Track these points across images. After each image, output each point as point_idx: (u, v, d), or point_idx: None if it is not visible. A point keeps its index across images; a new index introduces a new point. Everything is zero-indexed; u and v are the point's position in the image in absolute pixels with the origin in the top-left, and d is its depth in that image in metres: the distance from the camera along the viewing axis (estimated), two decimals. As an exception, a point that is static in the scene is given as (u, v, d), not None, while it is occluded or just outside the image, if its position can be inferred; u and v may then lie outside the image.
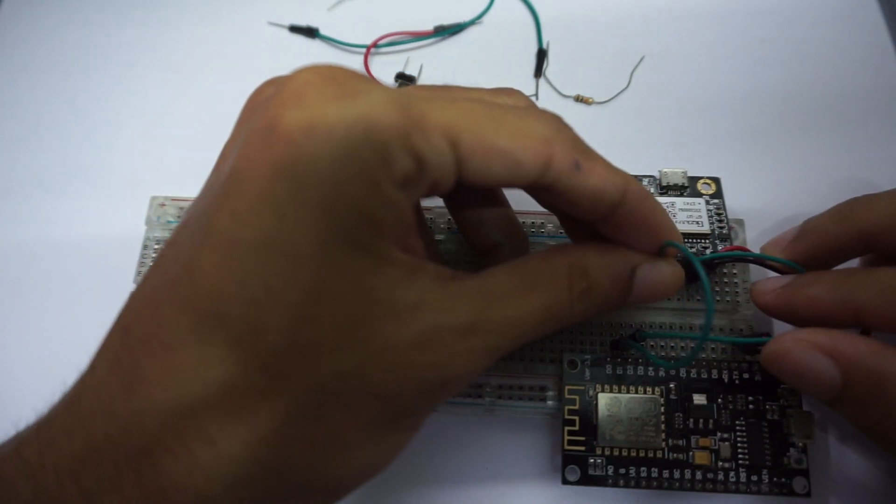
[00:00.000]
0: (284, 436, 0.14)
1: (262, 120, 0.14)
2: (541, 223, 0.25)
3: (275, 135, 0.14)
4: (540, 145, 0.15)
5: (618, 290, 0.18)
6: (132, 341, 0.14)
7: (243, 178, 0.14)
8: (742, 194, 0.27)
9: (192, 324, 0.14)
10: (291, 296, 0.14)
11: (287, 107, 0.14)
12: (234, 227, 0.14)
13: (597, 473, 0.21)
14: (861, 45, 0.33)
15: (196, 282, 0.14)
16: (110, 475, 0.13)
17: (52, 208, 0.30)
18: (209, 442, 0.13)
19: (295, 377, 0.14)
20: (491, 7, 0.35)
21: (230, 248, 0.14)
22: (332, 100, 0.14)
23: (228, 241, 0.14)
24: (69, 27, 0.36)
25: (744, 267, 0.24)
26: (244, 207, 0.14)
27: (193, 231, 0.15)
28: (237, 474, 0.14)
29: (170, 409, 0.13)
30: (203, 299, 0.14)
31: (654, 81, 0.32)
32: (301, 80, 0.14)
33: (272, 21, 0.36)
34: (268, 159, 0.13)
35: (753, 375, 0.22)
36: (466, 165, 0.15)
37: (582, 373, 0.22)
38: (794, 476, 0.20)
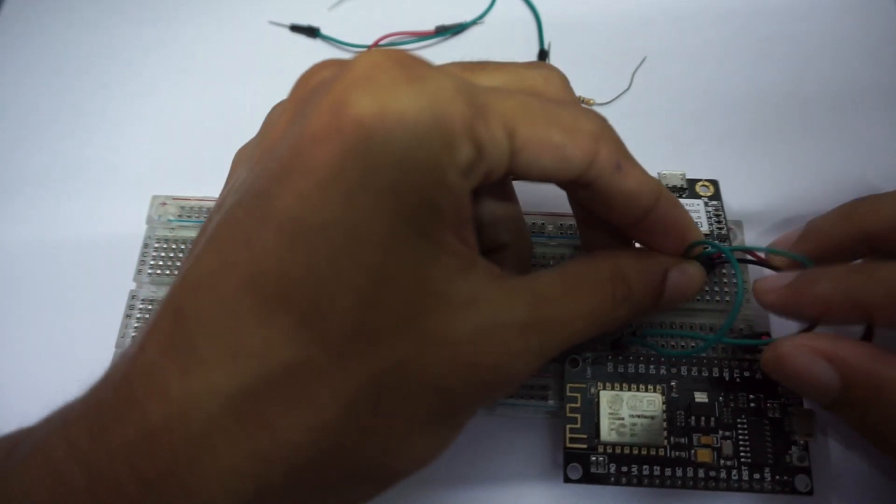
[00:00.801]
0: (344, 423, 0.14)
1: (328, 101, 0.14)
2: (541, 224, 0.25)
3: (344, 117, 0.13)
4: (588, 142, 0.16)
5: (653, 294, 0.19)
6: (187, 322, 0.14)
7: (309, 159, 0.14)
8: (741, 196, 0.27)
9: (254, 304, 0.13)
10: (357, 279, 0.13)
11: (356, 89, 0.14)
12: (300, 208, 0.13)
13: (599, 471, 0.21)
14: (861, 45, 0.33)
15: (259, 261, 0.14)
16: (167, 461, 0.13)
17: (53, 208, 0.30)
18: (270, 427, 0.13)
19: (357, 362, 0.14)
20: (492, 7, 0.35)
21: (296, 228, 0.13)
22: (401, 84, 0.14)
23: (294, 221, 0.13)
24: (70, 27, 0.36)
25: (743, 266, 0.24)
26: (311, 188, 0.13)
27: (251, 209, 0.14)
28: (296, 461, 0.13)
29: (230, 391, 0.13)
30: (266, 279, 0.13)
31: (656, 82, 0.32)
32: (369, 63, 0.14)
33: (273, 20, 0.36)
34: (337, 141, 0.13)
35: (755, 373, 0.22)
36: (519, 156, 0.15)
37: (583, 371, 0.22)
38: (797, 474, 0.20)
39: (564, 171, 0.16)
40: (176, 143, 0.32)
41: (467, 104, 0.14)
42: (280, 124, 0.17)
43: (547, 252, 0.25)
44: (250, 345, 0.13)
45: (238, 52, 0.35)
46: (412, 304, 0.14)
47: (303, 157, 0.14)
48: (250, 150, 0.18)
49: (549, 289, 0.16)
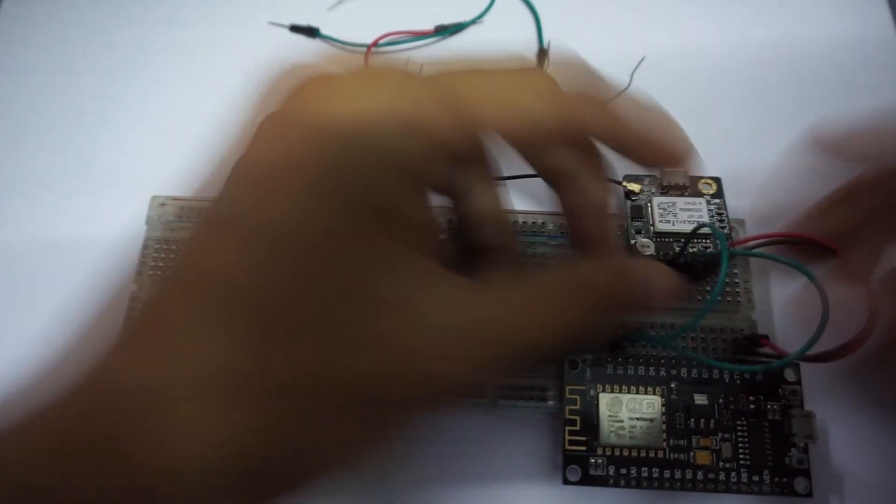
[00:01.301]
0: (269, 425, 0.13)
1: (283, 108, 0.14)
2: (542, 223, 0.25)
3: (296, 124, 0.14)
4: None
5: (629, 298, 0.18)
6: (131, 321, 0.14)
7: (260, 165, 0.14)
8: (743, 194, 0.27)
9: (190, 302, 0.13)
10: (293, 284, 0.13)
11: (309, 96, 0.14)
12: (246, 212, 0.14)
13: (598, 473, 0.21)
14: (864, 44, 0.33)
15: (200, 262, 0.14)
16: (85, 457, 0.13)
17: (53, 208, 0.30)
18: (193, 427, 0.13)
19: (287, 367, 0.13)
20: (492, 7, 0.35)
21: (238, 231, 0.14)
22: (354, 90, 0.14)
23: (238, 225, 0.14)
24: (69, 27, 0.36)
25: (744, 266, 0.24)
26: (259, 193, 0.13)
27: (207, 215, 0.15)
28: (218, 461, 0.13)
29: (154, 389, 0.13)
30: (204, 279, 0.13)
31: (655, 82, 0.32)
32: (324, 70, 0.14)
33: (272, 21, 0.36)
34: (288, 148, 0.13)
35: (754, 375, 0.22)
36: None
37: (583, 373, 0.22)
38: (796, 476, 0.20)
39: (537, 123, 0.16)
40: (175, 143, 0.32)
41: (431, 108, 0.14)
42: (246, 131, 0.17)
43: (547, 252, 0.25)
44: (179, 344, 0.13)
45: (238, 52, 0.35)
46: (354, 312, 0.14)
47: (255, 164, 0.14)
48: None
49: (508, 296, 0.16)
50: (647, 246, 0.24)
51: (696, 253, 0.23)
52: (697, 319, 0.19)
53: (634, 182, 0.26)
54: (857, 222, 0.20)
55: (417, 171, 0.14)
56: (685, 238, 0.23)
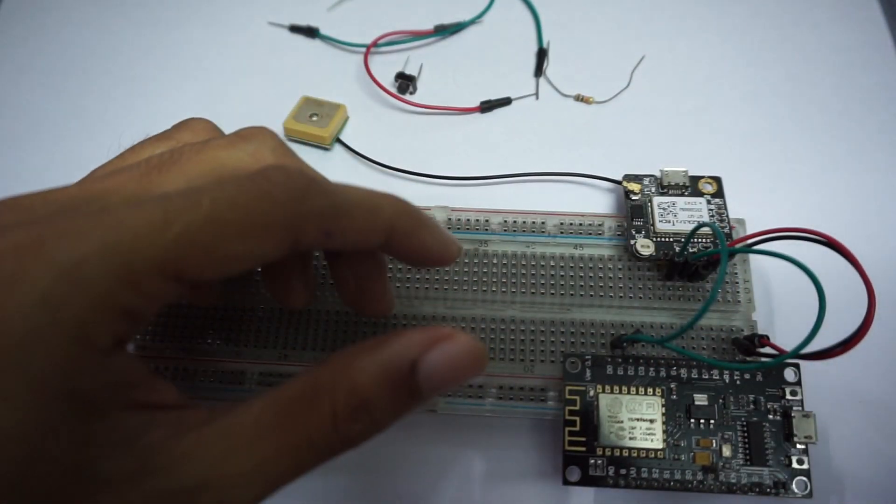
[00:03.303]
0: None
1: None
2: (542, 222, 0.25)
3: None
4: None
5: (398, 396, 0.15)
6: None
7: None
8: (743, 194, 0.27)
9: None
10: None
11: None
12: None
13: (597, 474, 0.21)
14: (861, 45, 0.33)
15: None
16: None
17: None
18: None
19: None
20: (491, 6, 0.35)
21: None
22: (32, 247, 0.12)
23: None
24: (69, 27, 0.36)
25: (744, 266, 0.24)
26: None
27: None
28: None
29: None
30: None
31: (655, 81, 0.32)
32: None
33: (272, 21, 0.36)
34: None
35: (755, 375, 0.22)
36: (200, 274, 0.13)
37: (582, 373, 0.22)
38: (796, 477, 0.20)
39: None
40: (175, 143, 0.32)
41: (108, 270, 0.12)
42: None
43: (547, 252, 0.25)
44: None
45: (238, 52, 0.35)
46: (62, 491, 0.12)
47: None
48: None
49: (249, 427, 0.14)
50: (646, 246, 0.24)
51: (696, 252, 0.23)
52: (697, 319, 0.18)
53: (634, 182, 0.26)
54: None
55: (104, 334, 0.13)
56: (685, 238, 0.23)
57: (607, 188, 0.29)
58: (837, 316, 0.18)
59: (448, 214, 0.26)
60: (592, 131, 0.31)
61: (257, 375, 0.23)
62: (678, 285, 0.24)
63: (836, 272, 0.19)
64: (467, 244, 0.25)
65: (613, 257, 0.25)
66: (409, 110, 0.32)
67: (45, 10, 0.37)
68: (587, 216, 0.26)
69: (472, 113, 0.32)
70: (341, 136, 0.31)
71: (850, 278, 0.18)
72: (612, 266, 0.24)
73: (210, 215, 0.13)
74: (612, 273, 0.24)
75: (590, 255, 0.25)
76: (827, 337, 0.18)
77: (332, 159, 0.31)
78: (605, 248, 0.25)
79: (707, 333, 0.23)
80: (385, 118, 0.32)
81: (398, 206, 0.17)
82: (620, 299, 0.24)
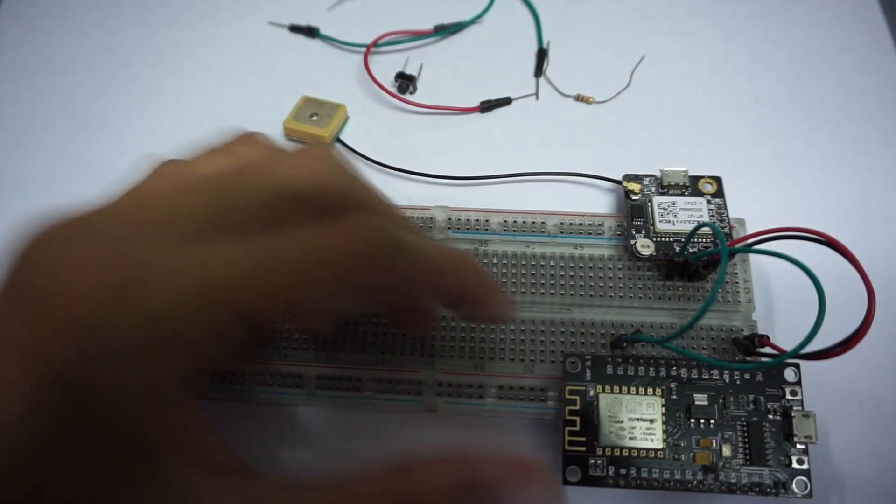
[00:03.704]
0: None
1: (27, 300, 0.12)
2: (542, 222, 0.25)
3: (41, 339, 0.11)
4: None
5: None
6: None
7: (8, 390, 0.11)
8: (743, 193, 0.27)
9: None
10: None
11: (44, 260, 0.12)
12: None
13: (597, 474, 0.21)
14: (861, 45, 0.33)
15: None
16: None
17: (52, 208, 0.30)
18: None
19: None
20: (491, 6, 0.35)
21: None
22: (119, 291, 0.12)
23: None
24: (68, 27, 0.36)
25: (744, 266, 0.24)
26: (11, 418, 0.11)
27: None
28: None
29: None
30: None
31: (655, 81, 0.32)
32: (56, 251, 0.12)
33: (272, 21, 0.36)
34: (46, 363, 0.11)
35: (755, 375, 0.22)
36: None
37: (582, 373, 0.22)
38: (796, 477, 0.20)
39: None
40: (175, 143, 0.32)
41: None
42: None
43: (547, 252, 0.25)
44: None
45: (238, 52, 0.35)
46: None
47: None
48: None
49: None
50: (646, 246, 0.24)
51: (696, 252, 0.23)
52: (697, 319, 0.18)
53: (634, 182, 0.26)
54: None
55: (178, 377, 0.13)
56: (685, 238, 0.23)
57: (607, 188, 0.29)
58: (837, 316, 0.18)
59: (448, 214, 0.26)
60: (592, 131, 0.31)
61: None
62: (678, 285, 0.24)
63: (836, 272, 0.19)
64: (467, 244, 0.25)
65: (613, 257, 0.25)
66: (409, 110, 0.32)
67: (45, 10, 0.37)
68: (587, 216, 0.26)
69: (472, 113, 0.32)
70: (341, 136, 0.31)
71: (850, 278, 0.18)
72: (612, 266, 0.24)
73: (299, 271, 0.13)
74: (612, 273, 0.24)
75: (590, 255, 0.25)
76: (827, 337, 0.18)
77: (332, 159, 0.31)
78: (605, 248, 0.25)
79: (707, 333, 0.23)
80: (385, 118, 0.32)
81: (470, 269, 0.17)
82: (620, 299, 0.24)
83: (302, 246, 0.13)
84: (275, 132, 0.31)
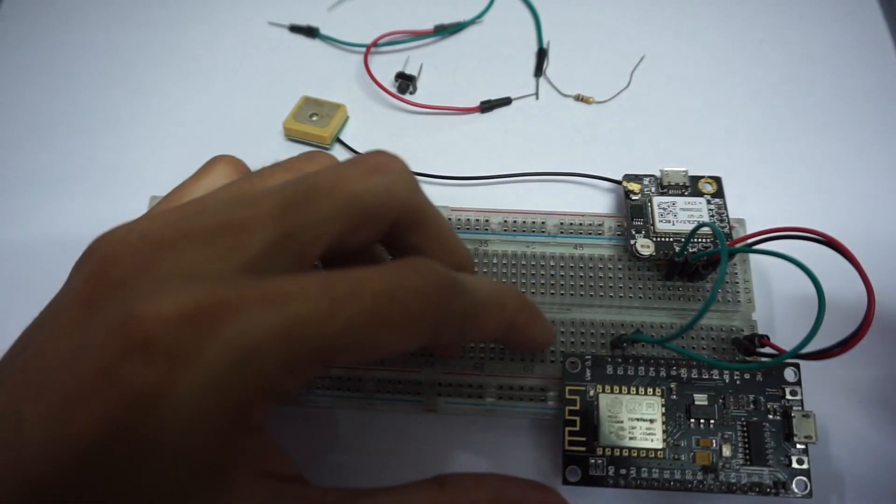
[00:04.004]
0: None
1: (113, 343, 0.12)
2: (542, 222, 0.25)
3: (127, 384, 0.11)
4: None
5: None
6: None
7: (83, 419, 0.11)
8: (743, 194, 0.27)
9: None
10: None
11: (143, 345, 0.12)
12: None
13: (598, 474, 0.21)
14: (861, 45, 0.33)
15: None
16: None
17: (52, 208, 0.30)
18: None
19: None
20: (491, 6, 0.35)
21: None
22: (206, 321, 0.12)
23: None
24: (69, 27, 0.36)
25: (744, 266, 0.24)
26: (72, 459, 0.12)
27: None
28: None
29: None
30: None
31: (655, 81, 0.32)
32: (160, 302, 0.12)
33: (272, 21, 0.36)
34: (120, 393, 0.11)
35: (755, 375, 0.22)
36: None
37: (582, 373, 0.22)
38: (796, 477, 0.20)
39: None
40: (175, 144, 0.32)
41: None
42: (61, 324, 0.14)
43: (547, 252, 0.25)
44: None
45: (238, 52, 0.35)
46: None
47: (70, 413, 0.12)
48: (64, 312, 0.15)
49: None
50: (646, 246, 0.24)
51: (696, 252, 0.23)
52: (697, 319, 0.19)
53: (634, 182, 0.26)
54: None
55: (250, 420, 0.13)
56: (685, 238, 0.23)
57: (607, 188, 0.29)
58: (837, 316, 0.18)
59: (448, 214, 0.26)
60: (592, 131, 0.31)
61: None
62: (678, 285, 0.24)
63: (836, 272, 0.19)
64: (467, 244, 0.25)
65: (613, 257, 0.25)
66: (409, 110, 0.32)
67: (45, 10, 0.37)
68: (587, 216, 0.26)
69: (472, 113, 0.32)
70: (341, 136, 0.31)
71: (850, 278, 0.18)
72: (612, 266, 0.24)
73: (372, 310, 0.13)
74: (612, 273, 0.24)
75: (590, 255, 0.25)
76: (827, 336, 0.18)
77: (332, 159, 0.31)
78: (605, 248, 0.25)
79: (707, 333, 0.23)
80: (385, 118, 0.32)
81: (519, 302, 0.18)
82: (620, 299, 0.24)
83: (376, 284, 0.14)
84: (275, 132, 0.31)
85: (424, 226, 0.17)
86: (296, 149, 0.31)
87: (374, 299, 0.13)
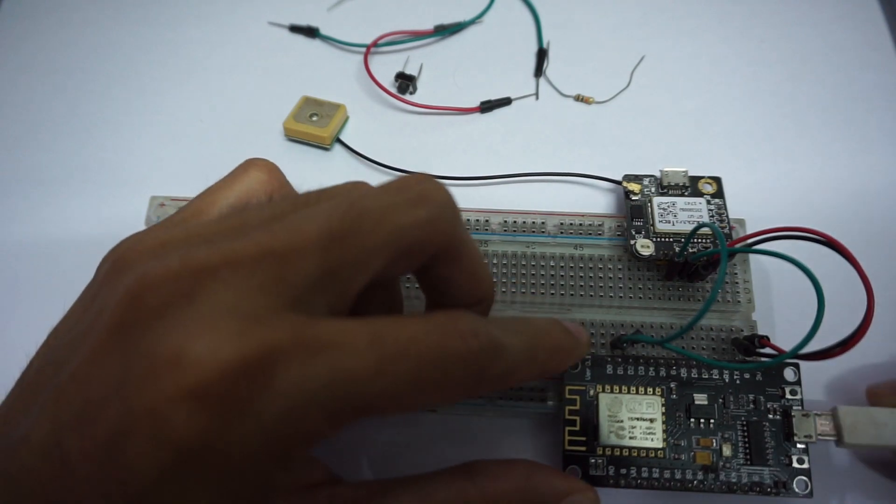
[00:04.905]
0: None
1: (158, 370, 0.12)
2: (542, 222, 0.25)
3: (179, 412, 0.11)
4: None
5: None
6: None
7: (133, 461, 0.11)
8: (743, 194, 0.27)
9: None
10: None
11: (194, 374, 0.11)
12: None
13: (598, 474, 0.21)
14: (861, 45, 0.33)
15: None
16: None
17: (52, 208, 0.30)
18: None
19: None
20: (491, 6, 0.35)
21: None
22: (261, 368, 0.12)
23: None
24: (69, 27, 0.36)
25: (744, 266, 0.24)
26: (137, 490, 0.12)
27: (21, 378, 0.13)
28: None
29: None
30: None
31: (655, 81, 0.32)
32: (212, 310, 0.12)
33: (272, 21, 0.36)
34: (171, 438, 0.11)
35: (754, 375, 0.22)
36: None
37: (583, 373, 0.22)
38: (796, 476, 0.20)
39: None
40: (175, 143, 0.32)
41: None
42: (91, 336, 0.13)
43: (547, 252, 0.25)
44: None
45: (238, 52, 0.35)
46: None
47: (123, 444, 0.12)
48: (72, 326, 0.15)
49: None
50: (646, 246, 0.24)
51: (696, 252, 0.23)
52: (697, 319, 0.19)
53: (634, 182, 0.26)
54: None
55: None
56: (685, 238, 0.23)
57: (607, 188, 0.29)
58: (837, 316, 0.18)
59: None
60: (592, 131, 0.31)
61: None
62: (678, 285, 0.24)
63: (835, 272, 0.19)
64: (467, 244, 0.25)
65: (613, 257, 0.25)
66: (409, 110, 0.32)
67: (45, 10, 0.37)
68: (587, 216, 0.26)
69: (472, 113, 0.32)
70: (341, 136, 0.31)
71: (850, 278, 0.18)
72: (612, 266, 0.24)
73: (416, 373, 0.13)
74: (612, 273, 0.24)
75: (590, 255, 0.25)
76: (827, 337, 0.18)
77: (332, 159, 0.31)
78: (605, 248, 0.25)
79: (707, 333, 0.23)
80: (385, 118, 0.32)
81: (552, 346, 0.18)
82: (620, 299, 0.24)
83: (422, 346, 0.14)
84: (275, 132, 0.31)
85: (460, 259, 0.17)
86: (296, 149, 0.31)
87: (419, 361, 0.13)
